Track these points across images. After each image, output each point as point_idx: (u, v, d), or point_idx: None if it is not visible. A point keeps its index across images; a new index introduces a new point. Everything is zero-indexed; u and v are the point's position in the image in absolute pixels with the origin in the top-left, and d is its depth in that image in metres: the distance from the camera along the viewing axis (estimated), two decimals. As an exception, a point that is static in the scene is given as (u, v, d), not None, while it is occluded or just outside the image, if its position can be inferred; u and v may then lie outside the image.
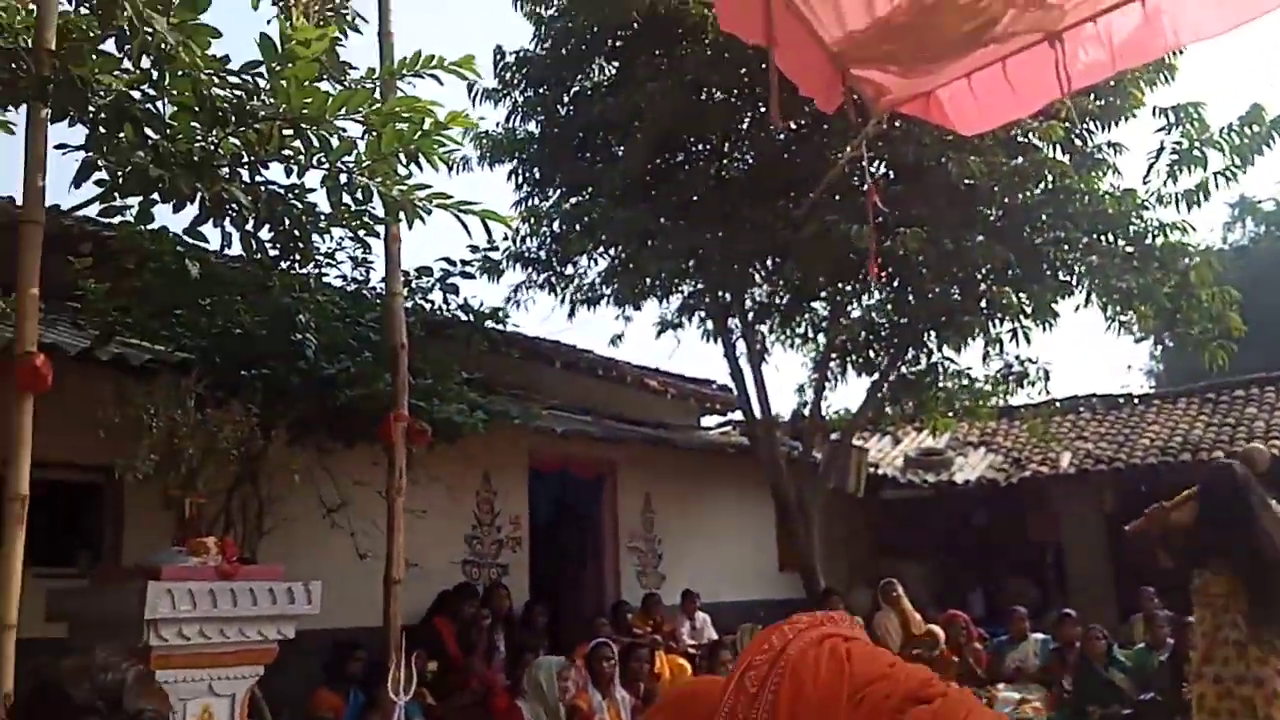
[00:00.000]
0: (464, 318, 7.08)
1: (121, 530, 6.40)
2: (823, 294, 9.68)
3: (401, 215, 4.34)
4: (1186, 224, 8.46)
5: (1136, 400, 14.78)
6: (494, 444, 7.59)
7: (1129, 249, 8.53)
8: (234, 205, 3.93)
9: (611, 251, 9.37)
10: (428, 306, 6.86)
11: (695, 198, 8.96)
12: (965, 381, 10.38)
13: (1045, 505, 12.64)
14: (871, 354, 9.99)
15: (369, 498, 5.88)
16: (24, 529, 3.33)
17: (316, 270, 6.07)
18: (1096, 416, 14.20)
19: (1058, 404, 13.70)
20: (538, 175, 9.52)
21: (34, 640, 3.74)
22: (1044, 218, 8.40)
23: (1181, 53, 7.91)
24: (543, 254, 9.58)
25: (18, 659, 3.28)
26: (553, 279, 9.72)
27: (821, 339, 10.34)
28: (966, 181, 7.90)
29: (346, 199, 4.04)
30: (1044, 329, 8.96)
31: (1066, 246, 8.50)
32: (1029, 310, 8.79)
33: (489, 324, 7.23)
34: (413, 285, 6.63)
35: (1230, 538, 4.77)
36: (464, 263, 6.91)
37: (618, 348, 10.30)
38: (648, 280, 9.24)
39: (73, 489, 6.38)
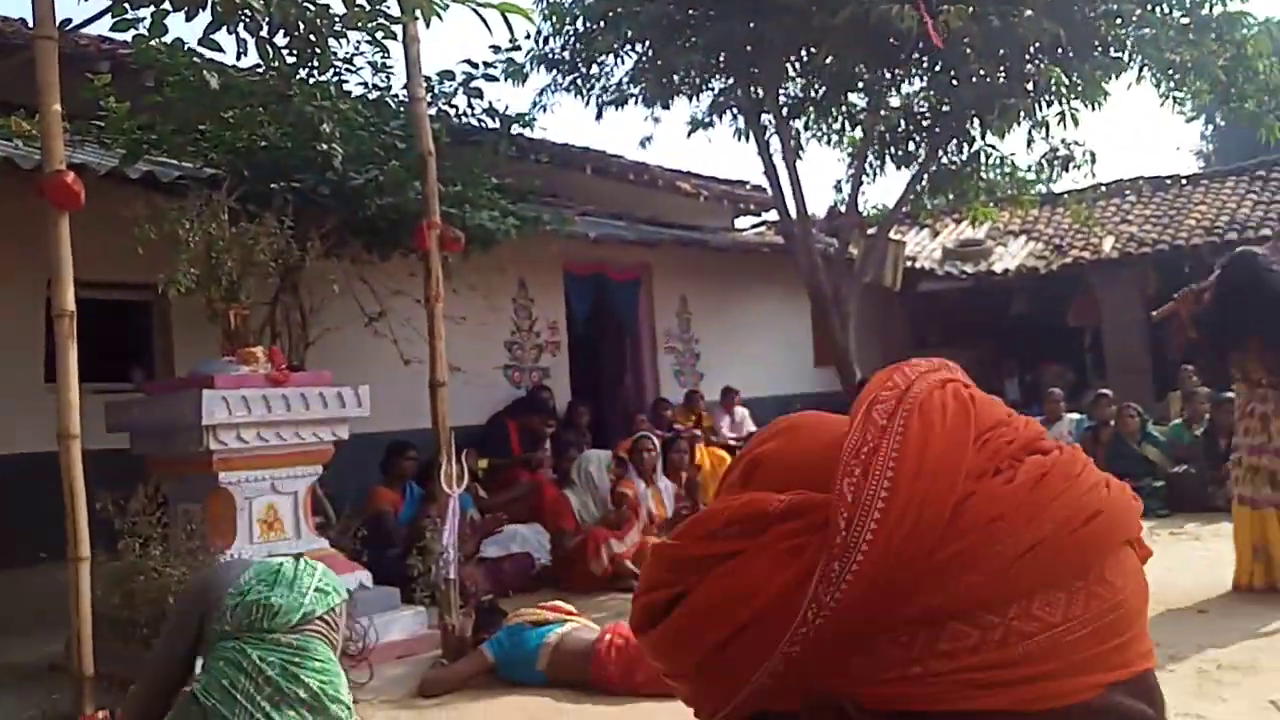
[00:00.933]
0: (490, 123, 6.95)
1: (171, 344, 6.60)
2: (860, 84, 9.30)
3: (418, 13, 4.19)
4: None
5: (1184, 181, 14.31)
6: (528, 250, 7.60)
7: (1184, 19, 8.09)
8: (246, 9, 3.81)
9: (638, 48, 9.01)
10: (452, 112, 6.74)
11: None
12: (1008, 169, 10.11)
13: (1086, 291, 12.55)
14: (911, 145, 9.69)
15: (409, 306, 5.97)
16: (74, 344, 3.43)
17: (336, 78, 5.94)
18: (1142, 199, 13.83)
19: (1103, 188, 13.38)
20: (558, -33, 9.06)
21: (97, 451, 3.95)
22: (1095, -11, 7.91)
23: None
24: (567, 54, 9.23)
25: (86, 467, 3.47)
26: (579, 80, 9.41)
27: (859, 132, 10.03)
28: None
29: (360, -1, 3.90)
30: (1093, 109, 8.61)
31: (1119, 19, 8.04)
32: (1078, 90, 8.42)
33: (516, 129, 7.09)
34: (435, 91, 6.48)
35: (1250, 316, 4.81)
36: (486, 65, 6.72)
37: (647, 149, 10.09)
38: (676, 77, 8.92)
39: (121, 307, 6.54)
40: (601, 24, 8.57)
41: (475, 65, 6.60)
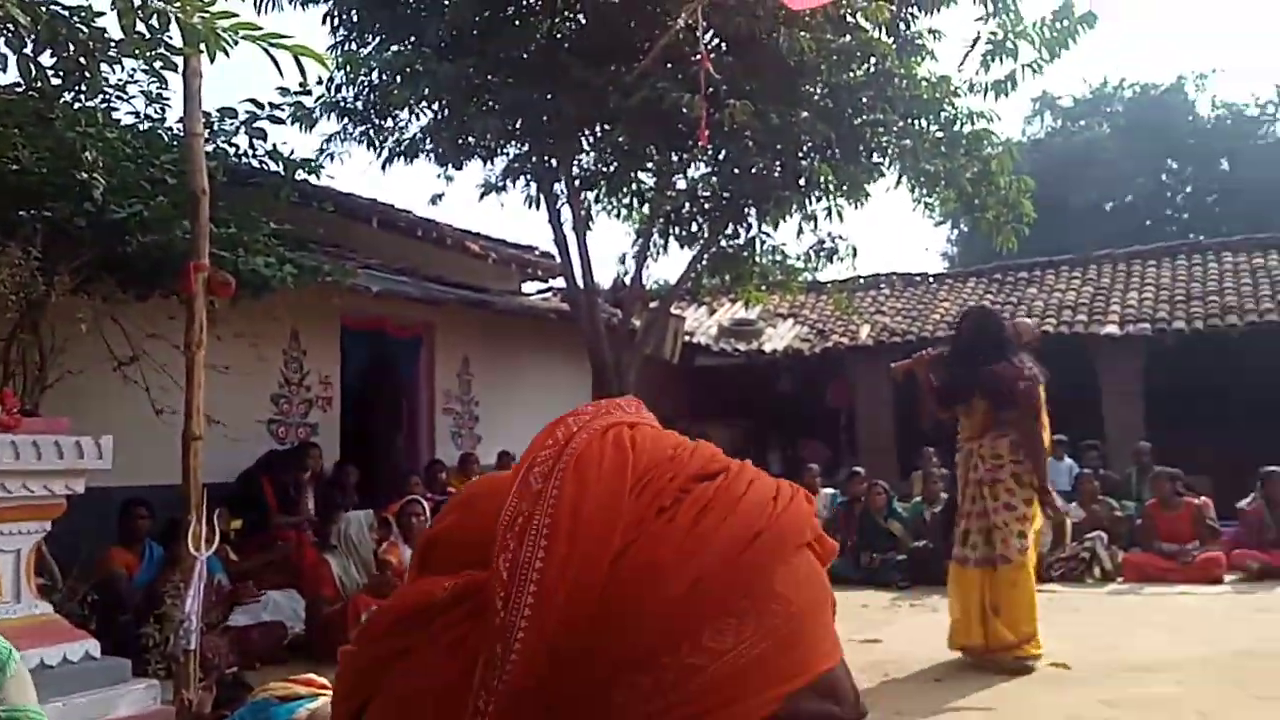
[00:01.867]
0: (273, 166, 6.68)
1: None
2: (650, 163, 9.66)
3: (203, 46, 3.99)
4: (993, 113, 8.93)
5: (932, 279, 15.73)
6: (304, 301, 7.30)
7: (939, 134, 8.92)
8: (10, 24, 3.51)
9: (434, 106, 8.97)
10: (231, 151, 6.43)
11: (524, 55, 8.65)
12: (780, 256, 10.76)
13: (844, 374, 13.46)
14: (694, 226, 10.12)
15: (165, 351, 5.58)
16: None
17: (105, 104, 5.55)
18: (895, 293, 15.06)
19: (861, 280, 14.48)
20: (355, 19, 8.90)
21: None
22: (864, 99, 8.62)
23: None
24: (360, 104, 9.06)
25: None
26: (370, 131, 9.23)
27: (646, 209, 10.38)
28: (796, 57, 7.97)
29: (140, 25, 3.66)
30: (856, 207, 9.34)
31: (883, 129, 8.78)
32: (844, 188, 9.10)
33: (300, 174, 6.85)
34: (215, 127, 6.17)
35: (976, 365, 5.31)
36: (273, 106, 6.47)
37: (437, 206, 9.98)
38: (471, 139, 8.93)
39: None
40: (398, 79, 8.47)
41: (260, 105, 6.34)
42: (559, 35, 8.91)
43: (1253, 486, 8.60)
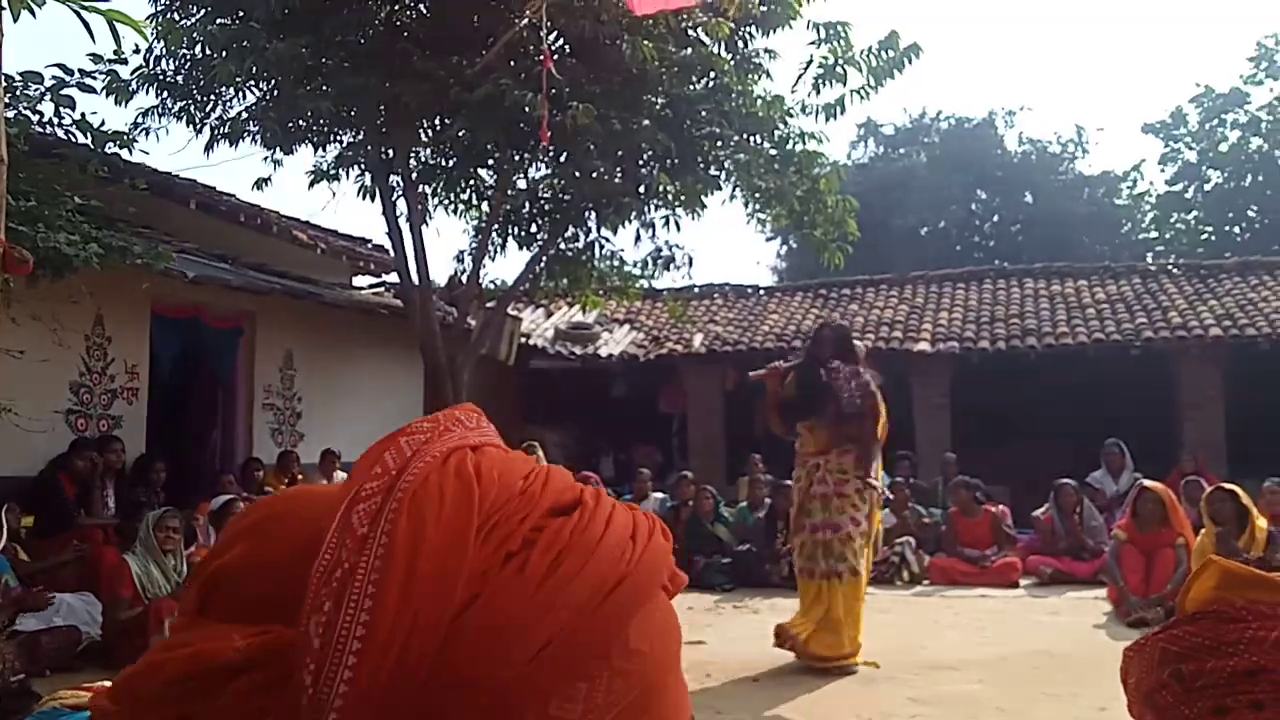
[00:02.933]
0: (80, 138, 6.21)
1: None
2: (490, 161, 9.54)
3: (4, 3, 3.66)
4: (823, 135, 9.28)
5: (762, 291, 16.23)
6: (111, 283, 6.81)
7: (773, 152, 9.21)
8: None
9: (262, 86, 8.55)
10: (35, 119, 5.94)
11: (362, 39, 8.38)
12: (618, 262, 10.84)
13: (676, 380, 13.70)
14: (533, 227, 10.07)
15: (-50, 333, 5.08)
16: None
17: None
18: (728, 303, 15.45)
19: (696, 289, 14.79)
20: (180, -14, 8.40)
21: None
22: (703, 112, 8.80)
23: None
24: (180, 79, 8.53)
25: None
26: (191, 108, 8.70)
27: (485, 207, 10.24)
28: (638, 65, 8.05)
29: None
30: (693, 218, 9.52)
31: (720, 142, 8.99)
32: (682, 199, 9.26)
33: (111, 148, 6.40)
34: (18, 92, 5.68)
35: (826, 396, 5.46)
36: (84, 73, 6.02)
37: (263, 192, 9.50)
38: (302, 122, 8.57)
39: None
40: (224, 53, 8.03)
41: (69, 71, 5.89)
42: (399, 22, 8.69)
43: (1047, 497, 9.27)
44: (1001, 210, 28.18)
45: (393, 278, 10.90)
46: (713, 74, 8.76)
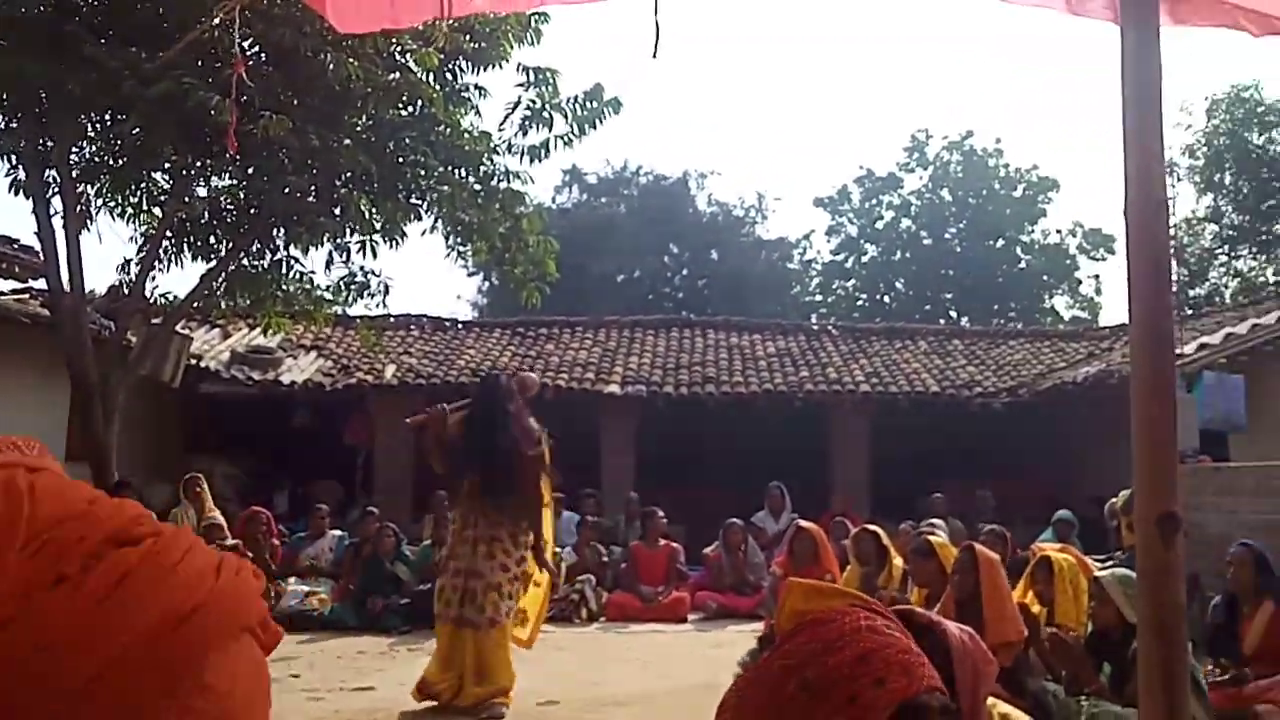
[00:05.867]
0: None
1: None
2: (167, 164, 8.78)
3: None
4: (528, 175, 9.40)
5: (460, 325, 16.10)
6: None
7: (477, 186, 9.19)
8: None
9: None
10: None
11: (23, 13, 7.47)
12: (307, 284, 10.30)
13: (364, 412, 13.19)
14: (213, 239, 9.35)
15: None
16: None
17: None
18: (424, 335, 15.17)
19: (392, 319, 14.37)
20: None
21: None
22: (408, 139, 8.64)
23: (546, 19, 8.72)
24: None
25: None
26: None
27: (158, 213, 9.39)
28: (342, 83, 7.76)
29: None
30: (391, 246, 9.26)
31: (424, 171, 8.85)
32: (380, 225, 9.00)
33: None
34: None
35: (488, 440, 5.39)
36: None
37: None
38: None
39: None
40: None
41: None
42: (70, 4, 7.83)
43: (719, 535, 9.83)
44: (691, 265, 29.96)
45: (41, 283, 9.69)
46: (420, 102, 8.62)
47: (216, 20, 6.50)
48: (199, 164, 8.68)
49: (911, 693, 0.94)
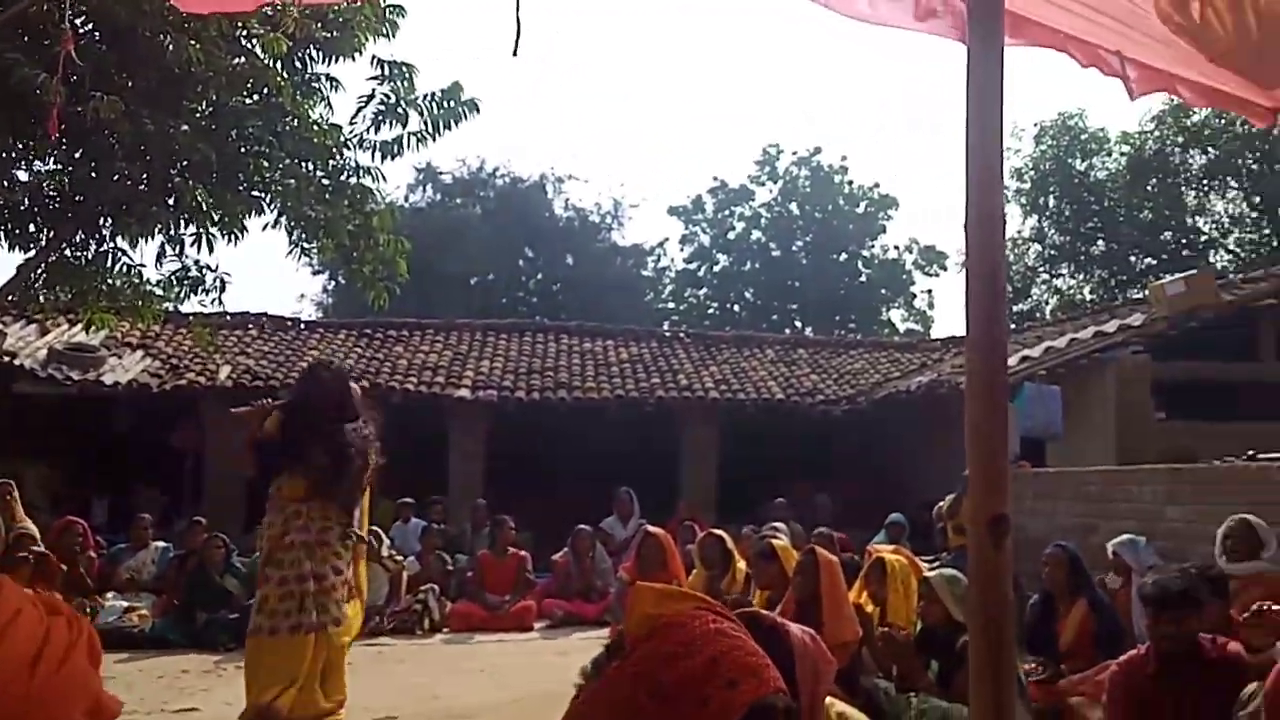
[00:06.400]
0: None
1: None
2: (-17, 145, 8.11)
3: None
4: (380, 172, 9.12)
5: (304, 325, 15.53)
6: None
7: (325, 181, 8.87)
8: None
9: None
10: None
11: None
12: (136, 278, 9.68)
13: (195, 415, 12.52)
14: (33, 227, 8.67)
15: None
16: None
17: None
18: (263, 335, 14.57)
19: (228, 317, 13.68)
20: None
21: None
22: (252, 128, 8.26)
23: (403, 13, 8.52)
24: None
25: None
26: None
27: (-31, 196, 8.65)
28: (181, 65, 7.35)
29: None
30: (230, 241, 8.81)
31: (268, 163, 8.47)
32: (219, 217, 8.56)
33: None
34: None
35: (314, 441, 5.13)
36: None
37: None
38: None
39: None
40: None
41: None
42: None
43: (568, 542, 9.80)
44: (546, 269, 29.88)
45: None
46: (266, 90, 8.25)
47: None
48: (20, 146, 8.05)
49: (761, 694, 0.95)
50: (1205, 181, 22.70)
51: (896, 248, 31.47)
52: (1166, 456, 7.74)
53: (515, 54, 2.43)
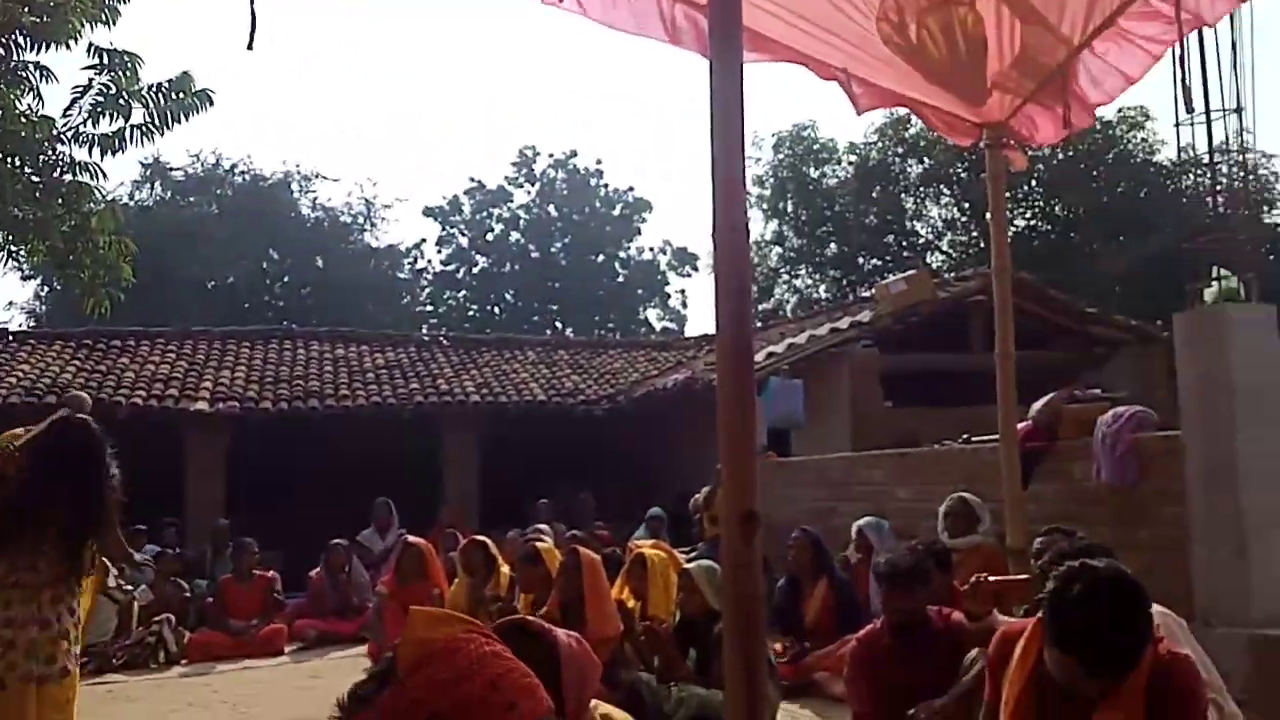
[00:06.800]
0: None
1: None
2: None
3: None
4: (99, 168, 8.34)
5: (11, 337, 14.01)
6: None
7: (35, 179, 8.05)
8: None
9: None
10: None
11: None
12: None
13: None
14: None
15: None
16: None
17: None
18: (-38, 348, 12.97)
19: (-82, 328, 12.13)
20: None
21: None
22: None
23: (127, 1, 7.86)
24: None
25: None
26: None
27: None
28: None
29: None
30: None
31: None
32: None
33: None
34: None
35: (78, 482, 4.65)
36: None
37: None
38: None
39: None
40: None
41: None
42: None
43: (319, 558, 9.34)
44: (293, 272, 28.46)
45: None
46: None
47: None
48: None
49: (538, 715, 0.97)
50: (922, 189, 24.88)
51: (651, 249, 32.46)
52: (894, 441, 8.39)
53: (250, 48, 2.29)
